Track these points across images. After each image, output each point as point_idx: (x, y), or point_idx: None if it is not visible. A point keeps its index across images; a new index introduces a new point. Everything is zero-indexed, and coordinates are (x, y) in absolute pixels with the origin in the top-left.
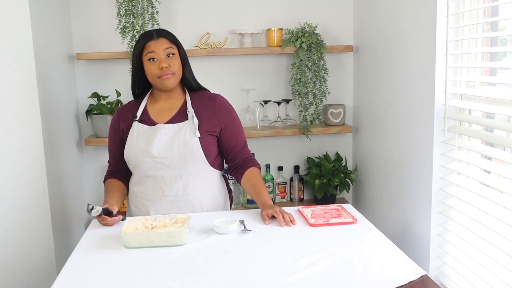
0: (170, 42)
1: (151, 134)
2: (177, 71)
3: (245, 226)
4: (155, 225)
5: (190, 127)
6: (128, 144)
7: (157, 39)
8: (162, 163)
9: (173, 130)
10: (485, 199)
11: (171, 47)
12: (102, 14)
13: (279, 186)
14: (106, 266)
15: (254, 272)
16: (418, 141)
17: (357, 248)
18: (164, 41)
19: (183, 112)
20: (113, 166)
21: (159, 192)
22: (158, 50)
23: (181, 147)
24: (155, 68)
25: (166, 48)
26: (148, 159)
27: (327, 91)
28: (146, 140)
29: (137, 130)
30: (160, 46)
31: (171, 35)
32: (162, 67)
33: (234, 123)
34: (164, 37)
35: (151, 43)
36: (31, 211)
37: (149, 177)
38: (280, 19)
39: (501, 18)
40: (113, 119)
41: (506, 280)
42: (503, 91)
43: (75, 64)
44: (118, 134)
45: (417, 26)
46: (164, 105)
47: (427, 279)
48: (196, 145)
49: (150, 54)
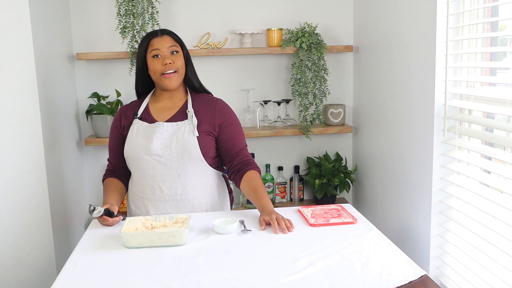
0: (174, 40)
1: (151, 131)
2: (180, 68)
3: (245, 226)
4: (155, 225)
5: (189, 126)
6: (128, 141)
7: (161, 36)
8: (160, 161)
9: (172, 128)
10: (485, 199)
11: (175, 45)
12: (102, 14)
13: (279, 186)
14: (106, 266)
15: (254, 272)
16: (418, 141)
17: (357, 248)
18: (168, 38)
19: (183, 112)
20: (112, 164)
21: (158, 191)
22: (162, 47)
23: (179, 145)
24: (159, 65)
25: (170, 46)
26: (147, 157)
27: (327, 91)
28: (146, 137)
29: (137, 127)
30: (164, 43)
31: (175, 35)
32: (166, 63)
33: (233, 125)
34: (168, 35)
35: (156, 40)
36: (31, 211)
37: (148, 175)
38: (280, 19)
39: (501, 18)
40: (115, 117)
41: (506, 280)
42: (503, 91)
43: (75, 64)
44: (120, 132)
45: (417, 26)
46: (166, 104)
47: (427, 279)
48: (194, 144)
49: (155, 51)
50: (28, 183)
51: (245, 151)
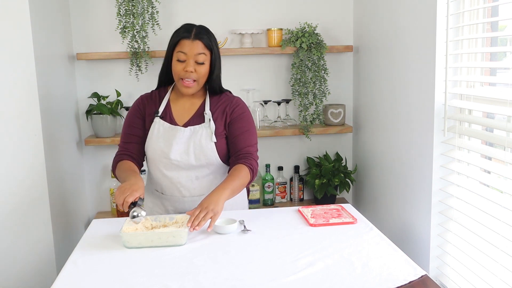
0: (205, 47)
1: (171, 135)
2: (201, 78)
3: (245, 226)
4: (155, 225)
5: (206, 130)
6: (148, 141)
7: (193, 41)
8: (179, 165)
9: (190, 132)
10: (485, 199)
11: (204, 53)
12: (102, 14)
13: (279, 186)
14: (106, 266)
15: (254, 272)
16: (418, 141)
17: (357, 248)
18: (199, 45)
19: (200, 114)
20: (126, 149)
21: (177, 192)
22: (189, 53)
23: (197, 151)
24: (180, 68)
25: (197, 54)
26: (165, 160)
27: (327, 91)
28: (165, 141)
29: (157, 128)
30: (192, 49)
31: (208, 38)
32: (187, 70)
33: (242, 122)
34: (200, 40)
35: (186, 42)
36: (31, 211)
37: (166, 177)
38: (280, 19)
39: (501, 18)
40: (135, 104)
41: (506, 280)
42: (503, 91)
43: (75, 64)
44: (141, 117)
45: (417, 26)
46: (185, 103)
47: (427, 279)
48: (212, 149)
49: (180, 54)
50: (28, 183)
51: (250, 149)
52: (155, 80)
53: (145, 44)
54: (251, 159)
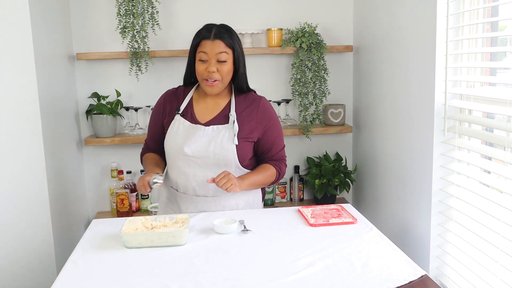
0: (226, 46)
1: (191, 133)
2: (224, 77)
3: (245, 226)
4: (155, 225)
5: (229, 132)
6: (167, 137)
7: (213, 40)
8: (196, 162)
9: (212, 132)
10: (485, 199)
11: (225, 52)
12: (102, 14)
13: (279, 186)
14: (106, 266)
15: (254, 272)
16: (418, 141)
17: (357, 248)
18: (220, 44)
19: (225, 115)
20: (148, 146)
21: (191, 190)
22: (210, 53)
23: (217, 151)
24: (202, 69)
25: (219, 53)
26: (183, 156)
27: (327, 91)
28: (185, 138)
29: (177, 125)
30: (213, 49)
31: (229, 37)
32: (209, 71)
33: (274, 129)
34: (221, 40)
35: (206, 43)
36: (31, 211)
37: (183, 174)
38: (280, 19)
39: (501, 18)
40: (158, 101)
41: (506, 280)
42: (503, 91)
43: (75, 64)
44: (160, 118)
45: (417, 26)
46: (209, 103)
47: (427, 279)
48: (232, 151)
49: (202, 55)
50: (28, 183)
51: (282, 153)
52: (155, 80)
53: (145, 44)
54: (282, 163)
